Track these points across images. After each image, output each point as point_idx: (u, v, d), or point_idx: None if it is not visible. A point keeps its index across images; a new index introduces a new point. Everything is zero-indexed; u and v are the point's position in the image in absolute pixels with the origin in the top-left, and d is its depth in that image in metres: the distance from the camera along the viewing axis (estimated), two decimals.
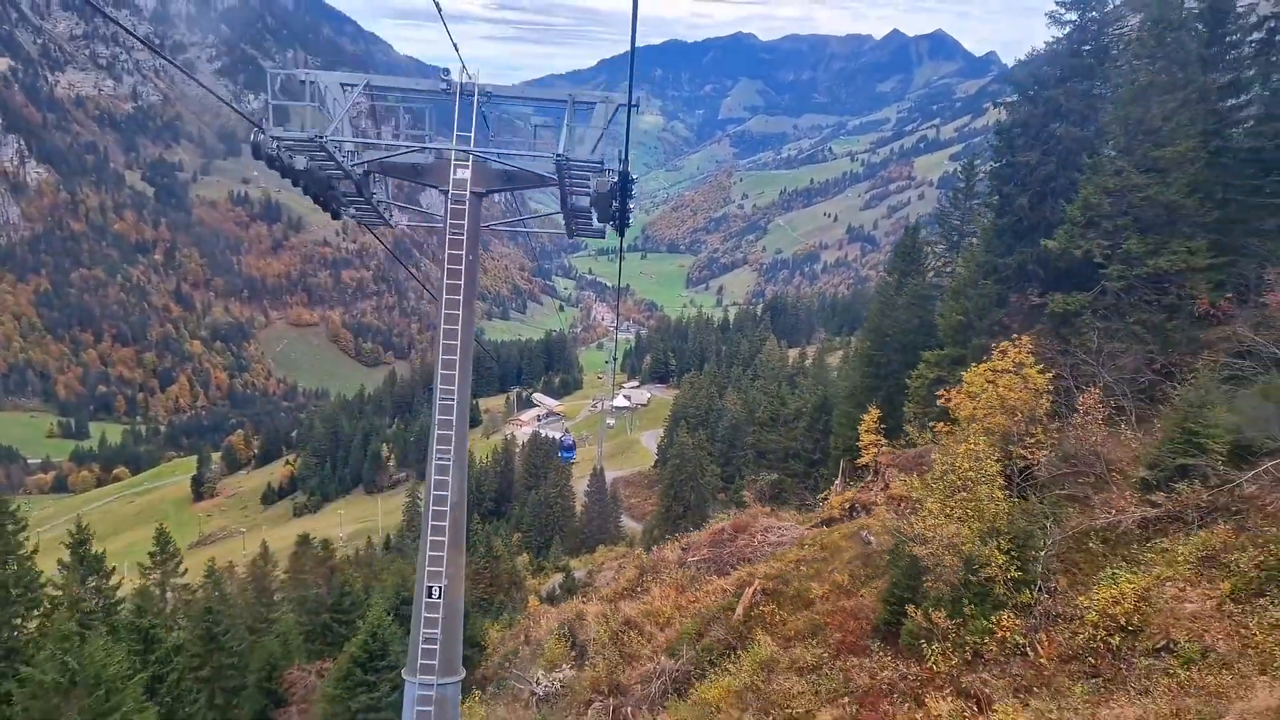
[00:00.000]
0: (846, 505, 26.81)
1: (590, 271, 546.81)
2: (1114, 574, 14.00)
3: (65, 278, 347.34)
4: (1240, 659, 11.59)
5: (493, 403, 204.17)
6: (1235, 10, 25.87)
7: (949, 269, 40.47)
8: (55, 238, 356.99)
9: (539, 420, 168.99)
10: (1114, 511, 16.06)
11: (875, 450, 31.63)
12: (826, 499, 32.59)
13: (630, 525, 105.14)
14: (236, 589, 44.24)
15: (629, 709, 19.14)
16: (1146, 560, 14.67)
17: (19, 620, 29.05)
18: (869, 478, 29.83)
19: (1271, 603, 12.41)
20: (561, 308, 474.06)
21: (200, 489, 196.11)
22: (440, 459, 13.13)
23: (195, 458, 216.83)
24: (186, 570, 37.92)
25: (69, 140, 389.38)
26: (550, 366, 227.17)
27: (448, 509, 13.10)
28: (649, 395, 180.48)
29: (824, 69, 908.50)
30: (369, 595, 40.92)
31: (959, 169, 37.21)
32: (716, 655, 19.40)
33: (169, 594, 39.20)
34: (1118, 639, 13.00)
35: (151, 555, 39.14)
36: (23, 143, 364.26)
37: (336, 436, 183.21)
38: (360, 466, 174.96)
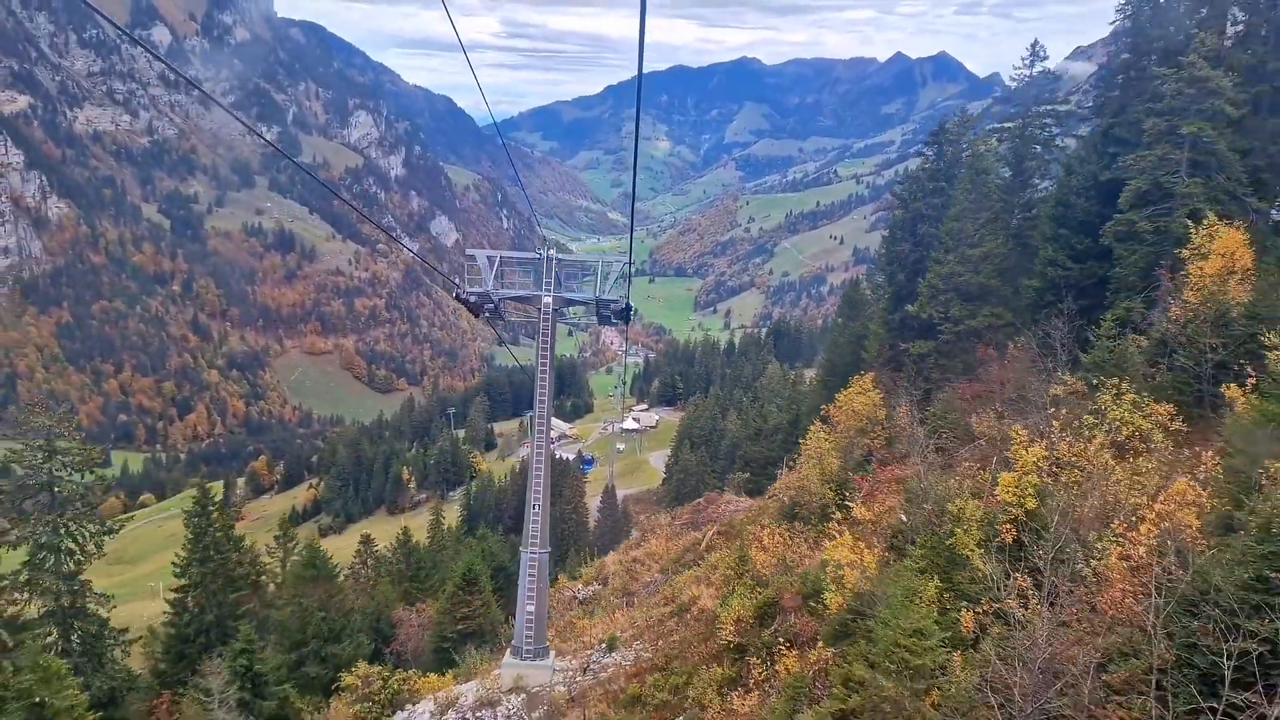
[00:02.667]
0: (783, 486, 40.67)
1: None
2: (882, 499, 27.81)
3: (86, 309, 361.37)
4: None
5: (507, 426, 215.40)
6: (1033, 150, 40.16)
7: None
8: (76, 270, 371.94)
9: (554, 443, 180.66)
10: (904, 468, 29.97)
11: None
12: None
13: None
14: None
15: (635, 599, 32.98)
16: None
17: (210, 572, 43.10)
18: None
19: None
20: (571, 333, 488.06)
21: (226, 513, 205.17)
22: (539, 442, 27.13)
23: (221, 483, 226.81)
24: (302, 550, 51.89)
25: (87, 175, 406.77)
26: (562, 391, 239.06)
27: (543, 468, 27.05)
28: (657, 417, 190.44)
29: (829, 92, 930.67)
30: (438, 570, 54.92)
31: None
32: (688, 566, 33.27)
33: (285, 568, 53.31)
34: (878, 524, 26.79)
35: (276, 538, 53.42)
36: (44, 178, 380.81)
37: (359, 460, 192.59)
38: (382, 489, 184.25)
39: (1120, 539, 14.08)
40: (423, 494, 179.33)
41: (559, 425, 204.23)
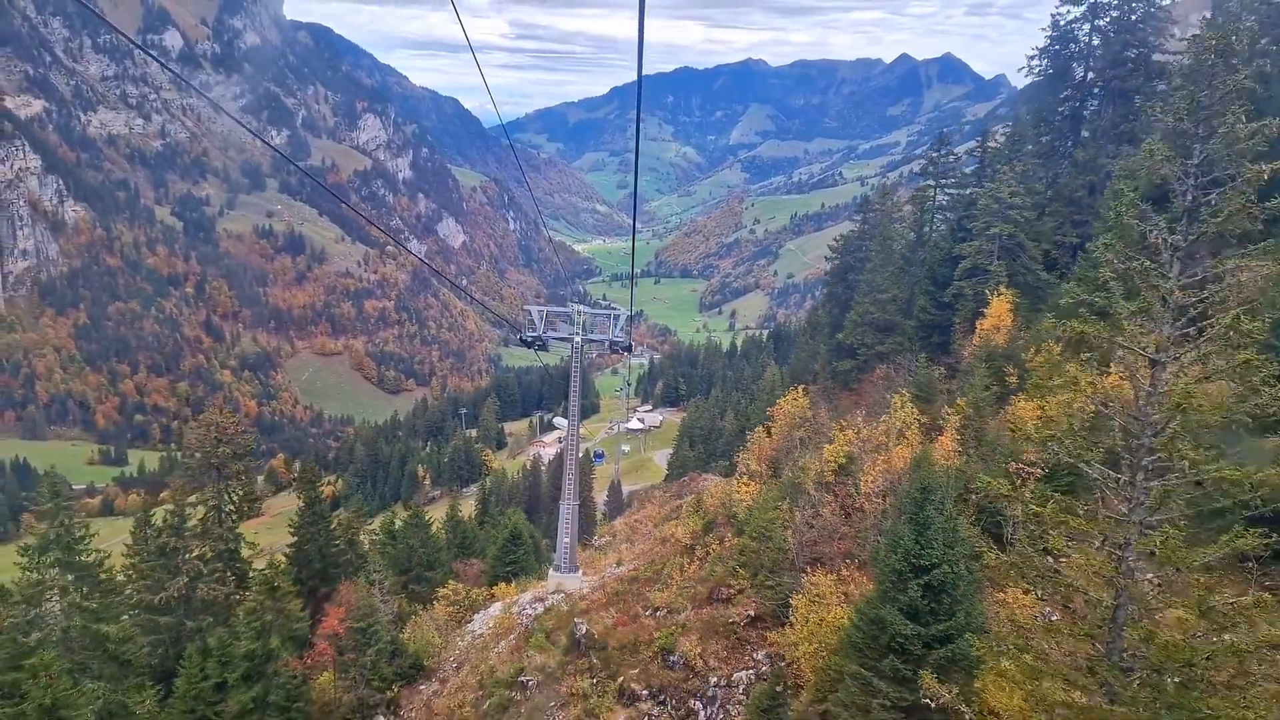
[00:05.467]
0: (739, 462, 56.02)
1: (604, 297, 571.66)
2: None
3: (102, 311, 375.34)
4: None
5: (517, 426, 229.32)
6: (933, 218, 55.53)
7: None
8: (93, 273, 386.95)
9: (560, 442, 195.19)
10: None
11: None
12: None
13: None
14: None
15: (635, 542, 48.42)
16: None
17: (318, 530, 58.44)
18: None
19: None
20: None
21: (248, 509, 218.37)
22: (571, 435, 42.49)
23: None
24: (375, 524, 67.47)
25: (101, 178, 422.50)
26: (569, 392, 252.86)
27: (575, 448, 42.42)
28: (661, 418, 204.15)
29: (834, 93, 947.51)
30: (477, 539, 70.54)
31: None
32: (671, 519, 48.66)
33: (357, 540, 68.79)
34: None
35: (354, 513, 68.97)
36: (61, 182, 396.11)
37: (376, 458, 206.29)
38: (398, 485, 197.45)
39: (869, 474, 29.51)
40: (437, 490, 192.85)
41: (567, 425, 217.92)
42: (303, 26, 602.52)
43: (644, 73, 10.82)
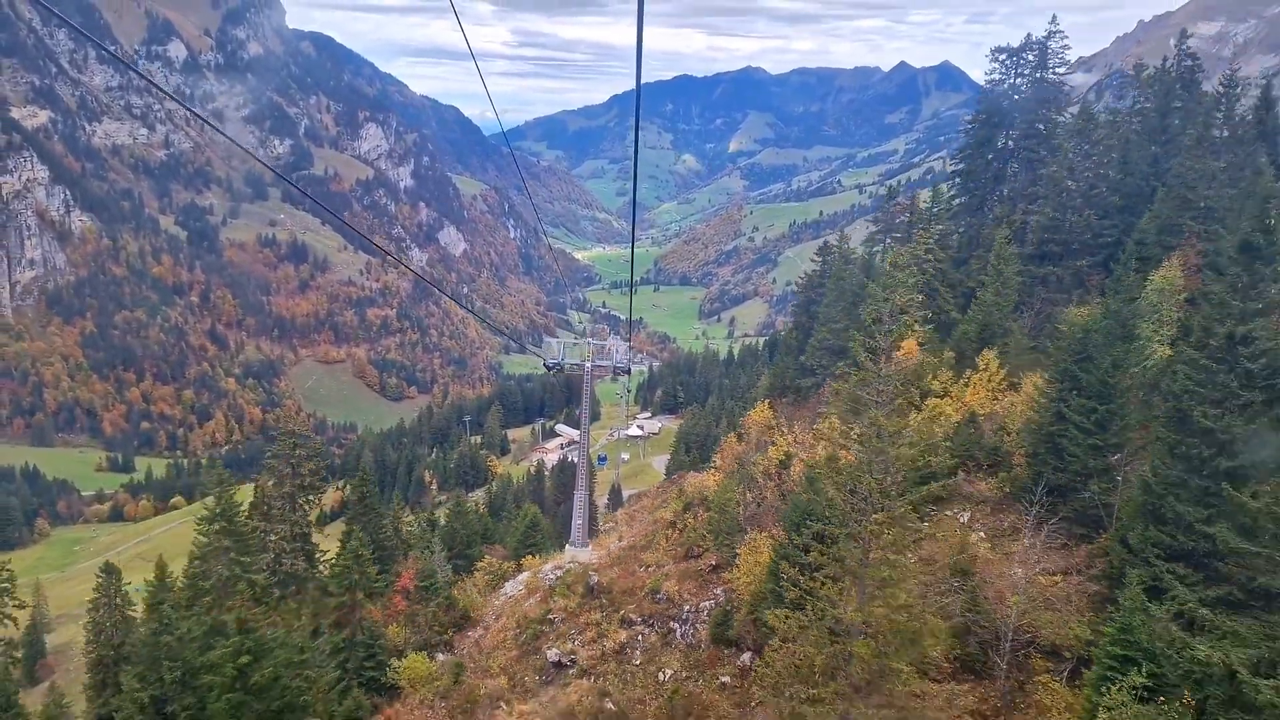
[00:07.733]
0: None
1: (604, 305, 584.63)
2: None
3: (109, 320, 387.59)
4: None
5: (519, 433, 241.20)
6: (882, 256, 68.38)
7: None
8: (99, 282, 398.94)
9: (562, 448, 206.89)
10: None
11: None
12: None
13: None
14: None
15: (633, 525, 61.21)
16: None
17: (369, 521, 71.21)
18: None
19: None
20: (575, 341, 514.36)
21: None
22: (582, 438, 55.31)
23: (253, 485, 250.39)
24: (412, 519, 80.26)
25: (107, 188, 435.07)
26: (570, 399, 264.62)
27: (585, 447, 55.25)
28: (660, 425, 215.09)
29: (833, 101, 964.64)
30: (496, 530, 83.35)
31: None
32: (663, 506, 61.52)
33: (400, 528, 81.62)
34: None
35: (401, 506, 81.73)
36: (68, 193, 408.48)
37: (383, 464, 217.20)
38: (406, 490, 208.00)
39: (798, 466, 42.29)
40: (444, 495, 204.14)
41: (569, 432, 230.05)
42: (305, 36, 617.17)
43: (643, 80, 11.01)
